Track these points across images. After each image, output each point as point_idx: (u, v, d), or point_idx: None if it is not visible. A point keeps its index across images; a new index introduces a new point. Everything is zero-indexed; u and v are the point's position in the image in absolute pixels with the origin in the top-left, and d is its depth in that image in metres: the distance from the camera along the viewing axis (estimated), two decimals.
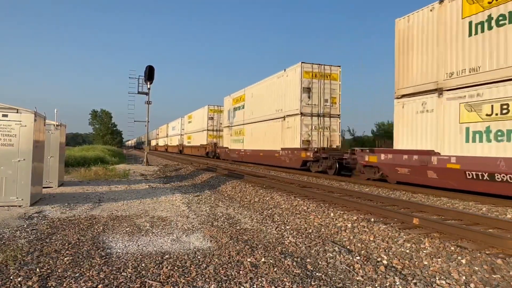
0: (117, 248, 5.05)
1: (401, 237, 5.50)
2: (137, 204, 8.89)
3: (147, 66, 23.91)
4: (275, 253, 4.95)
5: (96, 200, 9.26)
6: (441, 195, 10.03)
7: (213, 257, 4.71)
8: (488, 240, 5.16)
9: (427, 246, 5.07)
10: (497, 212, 7.69)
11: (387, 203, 8.57)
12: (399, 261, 4.72)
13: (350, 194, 10.00)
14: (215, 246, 5.27)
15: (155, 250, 5.01)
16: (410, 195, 10.31)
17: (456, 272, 4.24)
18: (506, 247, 4.87)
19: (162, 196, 10.21)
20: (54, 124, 11.39)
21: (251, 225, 6.82)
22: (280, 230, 6.42)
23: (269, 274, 4.13)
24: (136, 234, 5.90)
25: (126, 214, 7.54)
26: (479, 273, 4.15)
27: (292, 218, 7.48)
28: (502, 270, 4.17)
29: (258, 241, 5.61)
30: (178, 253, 4.86)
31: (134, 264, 4.39)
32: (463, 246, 4.97)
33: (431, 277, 4.18)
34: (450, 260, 4.56)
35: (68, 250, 4.89)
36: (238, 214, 7.90)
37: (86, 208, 8.15)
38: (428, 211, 7.52)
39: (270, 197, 9.87)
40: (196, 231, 6.17)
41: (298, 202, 8.77)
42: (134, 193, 10.77)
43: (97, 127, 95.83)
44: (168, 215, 7.57)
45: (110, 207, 8.32)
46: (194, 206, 8.77)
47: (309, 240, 5.72)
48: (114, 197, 9.93)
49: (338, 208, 7.88)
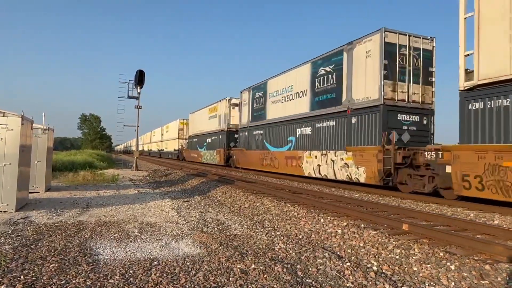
0: (104, 255, 4.96)
1: (390, 243, 5.51)
2: (126, 209, 8.77)
3: (138, 70, 23.84)
4: (265, 259, 4.91)
5: (83, 206, 9.12)
6: (430, 201, 10.12)
7: (202, 264, 4.65)
8: (477, 246, 5.21)
9: (417, 252, 5.09)
10: (484, 218, 7.78)
11: (377, 209, 8.62)
12: (389, 267, 4.73)
13: (340, 200, 10.03)
14: (204, 252, 5.21)
15: (143, 256, 4.94)
16: (400, 201, 10.38)
17: (446, 278, 4.26)
18: (494, 253, 4.92)
19: (151, 202, 10.11)
20: (42, 128, 11.21)
21: (241, 231, 6.78)
22: (270, 236, 6.39)
23: (259, 281, 4.09)
24: (124, 240, 5.81)
25: (115, 220, 7.43)
26: (468, 279, 4.17)
27: (282, 224, 7.46)
28: (491, 276, 4.20)
29: (248, 247, 5.57)
30: (167, 260, 4.79)
31: (122, 271, 4.31)
32: (452, 252, 5.00)
33: (420, 283, 4.19)
34: (439, 266, 4.58)
35: (54, 256, 4.79)
36: (228, 220, 7.85)
37: (74, 213, 8.02)
38: (417, 217, 7.58)
39: (260, 202, 9.83)
40: (186, 237, 6.10)
41: (289, 208, 8.75)
42: (122, 199, 10.63)
43: (86, 132, 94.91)
44: (157, 220, 7.48)
45: (98, 213, 8.20)
46: (183, 211, 8.69)
47: (300, 246, 5.70)
48: (102, 202, 9.79)
49: (328, 214, 7.88)
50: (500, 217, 7.89)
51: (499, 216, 7.94)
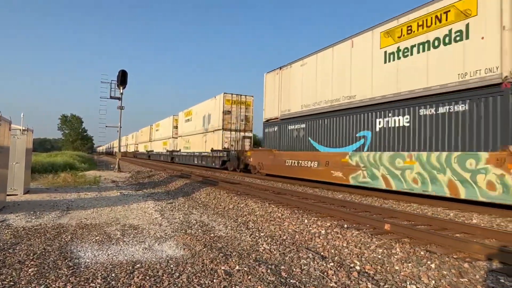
0: (85, 258, 4.87)
1: (373, 243, 5.59)
2: (108, 211, 8.63)
3: (120, 70, 23.47)
4: (249, 261, 4.91)
5: (64, 208, 8.92)
6: (412, 201, 10.31)
7: (186, 266, 4.62)
8: (456, 244, 5.33)
9: (398, 251, 5.18)
10: (463, 217, 7.97)
11: (360, 209, 8.72)
12: (372, 267, 4.79)
13: (324, 201, 10.11)
14: (188, 254, 5.18)
15: (126, 259, 4.87)
16: (382, 201, 10.54)
17: (426, 276, 4.34)
18: (473, 251, 5.05)
19: (134, 204, 9.97)
20: (20, 129, 10.93)
21: (225, 233, 6.76)
22: (254, 237, 6.39)
23: (243, 282, 4.09)
24: (106, 243, 5.71)
25: (96, 222, 7.30)
26: (448, 277, 4.26)
27: (266, 225, 7.47)
28: (469, 274, 4.31)
29: (232, 249, 5.56)
30: (150, 262, 4.73)
31: (103, 274, 4.24)
32: (432, 251, 5.11)
33: (402, 282, 4.26)
34: (420, 264, 4.67)
35: (33, 260, 4.67)
36: (212, 221, 7.82)
37: (54, 216, 7.84)
38: (399, 217, 7.70)
39: (244, 204, 9.83)
40: (169, 239, 6.05)
41: (273, 209, 8.77)
42: (104, 201, 10.46)
43: (67, 133, 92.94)
44: (140, 223, 7.39)
45: (79, 215, 8.04)
46: (167, 213, 8.61)
47: (284, 247, 5.72)
48: (83, 204, 9.61)
49: (312, 215, 7.93)
50: (478, 216, 8.11)
51: (477, 216, 8.16)
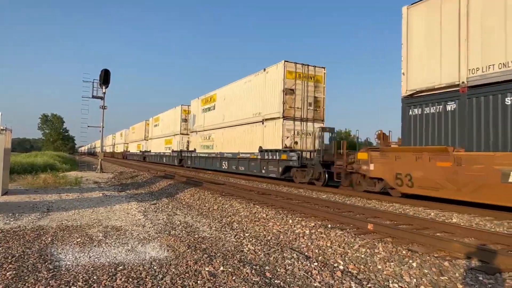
0: (66, 260, 4.77)
1: (356, 243, 5.65)
2: (90, 213, 8.48)
3: (103, 69, 23.10)
4: (233, 261, 4.89)
5: (44, 210, 8.72)
6: (394, 201, 10.47)
7: (170, 267, 4.57)
8: (437, 243, 5.44)
9: (381, 250, 5.25)
10: (444, 217, 8.14)
11: (344, 209, 8.81)
12: (355, 266, 4.85)
13: (308, 201, 10.18)
14: (172, 255, 5.13)
15: (108, 261, 4.79)
16: (365, 201, 10.67)
17: (408, 275, 4.42)
18: (453, 250, 5.16)
19: (117, 205, 9.82)
20: None
21: (209, 233, 6.72)
22: (239, 238, 6.37)
23: (228, 283, 4.07)
24: (88, 245, 5.61)
25: (78, 224, 7.16)
26: (429, 276, 4.35)
27: (251, 226, 7.47)
28: (449, 272, 4.41)
29: (216, 250, 5.53)
30: (133, 264, 4.67)
31: (85, 276, 4.16)
32: (414, 250, 5.20)
33: (384, 281, 4.32)
34: (402, 263, 4.75)
35: (11, 264, 4.55)
36: (197, 222, 7.77)
37: (33, 218, 7.65)
38: (381, 217, 7.82)
39: (229, 204, 9.80)
40: (153, 241, 5.98)
41: (257, 209, 8.78)
42: (86, 202, 10.27)
43: (47, 132, 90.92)
44: (123, 224, 7.28)
45: (60, 217, 7.87)
46: (150, 214, 8.51)
47: (268, 247, 5.72)
48: (64, 206, 9.41)
49: (296, 215, 7.97)
50: (457, 215, 8.29)
51: (457, 215, 8.34)
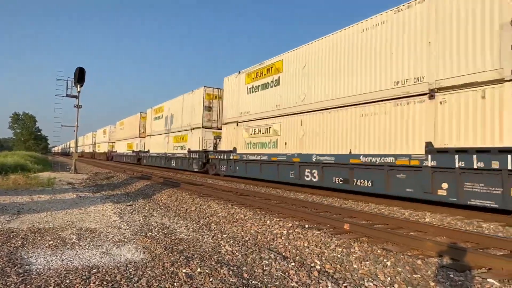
0: (37, 264, 4.62)
1: (333, 242, 5.73)
2: (63, 215, 8.24)
3: (77, 67, 22.52)
4: (211, 263, 4.87)
5: (14, 212, 8.42)
6: (370, 201, 10.67)
7: (146, 270, 4.50)
8: (410, 242, 5.58)
9: (357, 250, 5.34)
10: (417, 216, 8.37)
11: (321, 209, 8.91)
12: (331, 266, 4.91)
13: (286, 201, 10.24)
14: (148, 257, 5.05)
15: (81, 264, 4.67)
16: (342, 202, 10.83)
17: (382, 274, 4.51)
18: (425, 248, 5.31)
19: (92, 206, 9.59)
20: None
21: (187, 235, 6.66)
22: (217, 239, 6.34)
23: (205, 285, 4.05)
24: (60, 247, 5.45)
25: (50, 226, 6.95)
26: (402, 274, 4.46)
27: (229, 226, 7.44)
28: (422, 270, 4.53)
29: (194, 251, 5.49)
30: (108, 267, 4.57)
31: (57, 280, 4.03)
32: (389, 249, 5.32)
33: (360, 280, 4.40)
34: (377, 262, 4.84)
35: None
36: (174, 224, 7.68)
37: (2, 220, 7.37)
38: (357, 217, 7.95)
39: (207, 205, 9.74)
40: (128, 243, 5.87)
41: (236, 210, 8.77)
42: (59, 203, 9.97)
43: (19, 132, 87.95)
44: (97, 226, 7.12)
45: (31, 219, 7.61)
46: (126, 216, 8.35)
47: (246, 248, 5.72)
48: (36, 207, 9.11)
49: (274, 216, 8.01)
50: (430, 215, 8.54)
51: (430, 214, 8.59)
